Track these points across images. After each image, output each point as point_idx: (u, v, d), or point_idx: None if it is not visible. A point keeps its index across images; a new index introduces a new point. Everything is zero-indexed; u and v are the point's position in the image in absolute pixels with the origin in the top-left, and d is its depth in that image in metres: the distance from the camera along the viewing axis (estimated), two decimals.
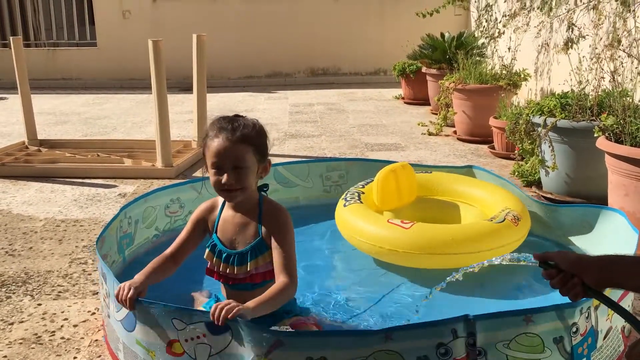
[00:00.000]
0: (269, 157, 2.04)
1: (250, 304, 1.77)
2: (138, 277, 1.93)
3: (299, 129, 6.34)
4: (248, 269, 1.98)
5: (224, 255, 2.02)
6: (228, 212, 2.07)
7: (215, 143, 1.91)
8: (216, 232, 2.07)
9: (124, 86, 9.86)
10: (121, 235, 2.65)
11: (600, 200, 3.43)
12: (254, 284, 2.01)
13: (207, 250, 2.07)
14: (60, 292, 2.59)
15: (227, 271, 2.02)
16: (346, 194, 3.01)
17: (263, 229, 2.00)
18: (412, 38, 8.20)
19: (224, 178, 1.91)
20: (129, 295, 1.82)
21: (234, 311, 1.67)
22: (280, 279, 1.93)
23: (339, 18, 10.30)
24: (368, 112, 7.37)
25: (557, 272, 1.48)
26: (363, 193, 2.99)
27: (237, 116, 2.02)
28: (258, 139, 1.96)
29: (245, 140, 1.91)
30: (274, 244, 1.99)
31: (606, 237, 2.66)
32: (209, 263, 2.07)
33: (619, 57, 3.82)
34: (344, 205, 2.89)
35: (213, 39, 7.57)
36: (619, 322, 1.98)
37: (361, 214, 2.78)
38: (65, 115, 7.41)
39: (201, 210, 2.13)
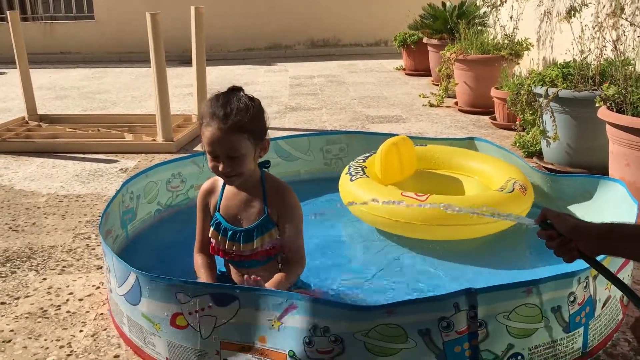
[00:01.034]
0: (267, 136, 1.98)
1: (270, 286, 1.88)
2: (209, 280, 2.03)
3: (299, 101, 6.31)
4: (255, 246, 1.99)
5: (229, 232, 2.02)
6: (230, 191, 2.05)
7: (209, 132, 1.85)
8: (219, 211, 2.06)
9: (123, 59, 9.80)
10: (123, 210, 2.67)
11: (601, 171, 3.43)
12: (259, 261, 2.02)
13: (211, 228, 2.07)
14: (64, 266, 2.61)
15: (233, 248, 2.02)
16: (349, 169, 2.99)
17: (269, 207, 1.99)
18: (413, 8, 8.11)
19: (220, 166, 1.89)
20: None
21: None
22: (291, 259, 2.00)
23: None
24: (369, 84, 7.33)
25: (556, 234, 1.49)
26: (366, 167, 2.98)
27: (232, 94, 1.92)
28: (253, 123, 1.88)
29: (239, 129, 1.84)
30: (282, 223, 1.99)
31: (607, 207, 2.67)
32: (213, 241, 2.08)
33: (622, 25, 3.77)
34: (351, 180, 2.86)
35: (212, 11, 7.50)
36: (617, 291, 2.00)
37: (372, 188, 2.75)
38: (65, 90, 7.38)
39: (202, 194, 2.12)
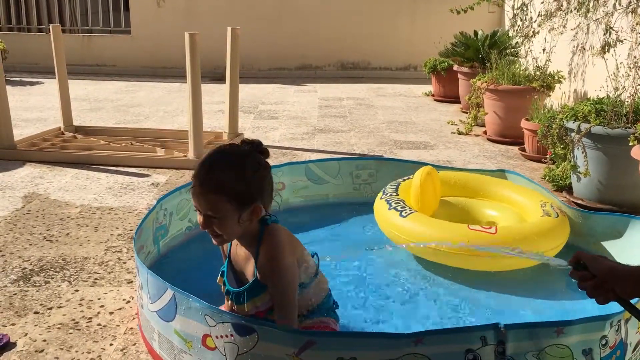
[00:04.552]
0: (258, 203, 1.82)
1: None
2: None
3: (328, 123, 6.37)
4: (246, 310, 1.89)
5: (226, 288, 1.95)
6: (235, 241, 1.95)
7: (192, 184, 1.80)
8: (230, 257, 1.98)
9: (157, 74, 9.99)
10: (157, 227, 2.72)
11: (632, 209, 3.41)
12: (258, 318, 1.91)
13: (219, 275, 2.00)
14: (96, 279, 2.67)
15: (233, 307, 1.93)
16: (390, 204, 2.89)
17: (259, 270, 1.86)
18: (444, 34, 8.15)
19: (200, 222, 1.81)
20: None
21: None
22: (277, 321, 1.86)
23: (370, 12, 10.28)
24: (397, 109, 7.36)
25: (590, 276, 1.50)
26: (405, 200, 2.93)
27: (229, 152, 1.84)
28: (236, 186, 1.76)
29: (217, 190, 1.75)
30: (269, 286, 1.86)
31: (637, 247, 2.65)
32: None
33: None
34: (402, 216, 2.75)
35: (245, 29, 7.61)
36: None
37: (434, 224, 2.69)
38: (99, 102, 7.55)
39: None
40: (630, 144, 3.22)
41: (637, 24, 4.48)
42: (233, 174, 1.77)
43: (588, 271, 1.51)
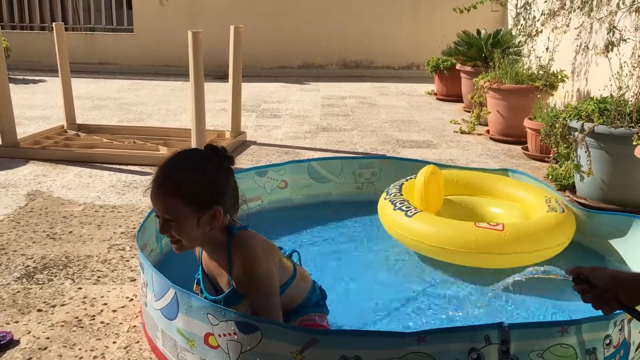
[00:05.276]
0: (218, 206, 1.77)
1: None
2: None
3: (330, 122, 6.37)
4: None
5: (204, 295, 1.94)
6: (205, 252, 1.92)
7: (150, 187, 1.78)
8: (202, 264, 1.95)
9: (159, 72, 10.00)
10: None
11: (635, 208, 3.41)
12: None
13: (194, 283, 1.98)
14: (99, 277, 2.67)
15: None
16: (394, 205, 2.88)
17: (234, 279, 1.83)
18: (447, 33, 8.14)
19: (159, 226, 1.78)
20: None
21: None
22: None
23: (373, 11, 10.27)
24: (400, 108, 7.35)
25: (590, 287, 1.50)
26: (410, 200, 2.92)
27: (188, 152, 1.83)
28: (194, 187, 1.73)
29: (174, 192, 1.72)
30: (248, 295, 1.84)
31: None
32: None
33: None
34: (407, 216, 2.75)
35: (247, 28, 7.62)
36: None
37: (441, 223, 2.69)
38: (102, 100, 7.55)
39: None
40: (634, 143, 3.21)
41: None
42: (191, 175, 1.74)
43: (590, 283, 1.51)
